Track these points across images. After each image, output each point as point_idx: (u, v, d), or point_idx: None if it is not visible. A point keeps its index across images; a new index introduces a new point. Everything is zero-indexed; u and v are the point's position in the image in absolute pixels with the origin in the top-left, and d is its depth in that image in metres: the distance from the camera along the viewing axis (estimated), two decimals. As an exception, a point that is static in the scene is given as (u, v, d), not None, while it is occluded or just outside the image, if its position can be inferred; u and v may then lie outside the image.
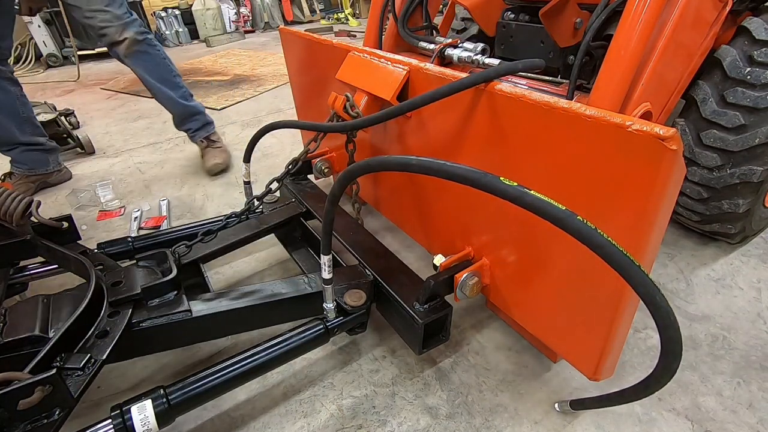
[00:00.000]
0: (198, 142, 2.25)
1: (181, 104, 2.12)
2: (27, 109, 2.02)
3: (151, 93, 2.08)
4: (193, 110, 2.19)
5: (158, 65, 2.01)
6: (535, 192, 0.59)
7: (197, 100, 2.25)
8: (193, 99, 2.23)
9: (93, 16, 1.79)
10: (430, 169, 0.67)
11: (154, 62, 1.99)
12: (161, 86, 2.03)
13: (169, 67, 2.08)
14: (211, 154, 2.20)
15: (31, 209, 1.16)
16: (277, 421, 1.05)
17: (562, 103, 0.74)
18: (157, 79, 2.01)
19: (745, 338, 1.18)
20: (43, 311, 0.96)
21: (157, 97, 2.09)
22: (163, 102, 2.10)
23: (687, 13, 1.05)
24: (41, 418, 0.77)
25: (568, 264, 0.85)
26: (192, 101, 2.20)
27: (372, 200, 1.57)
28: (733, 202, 1.29)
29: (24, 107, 2.00)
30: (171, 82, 2.07)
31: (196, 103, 2.23)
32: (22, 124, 1.98)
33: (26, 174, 2.08)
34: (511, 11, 1.53)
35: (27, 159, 2.06)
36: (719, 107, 1.23)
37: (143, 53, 1.93)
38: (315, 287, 1.11)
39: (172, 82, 2.08)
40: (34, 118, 2.07)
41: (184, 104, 2.13)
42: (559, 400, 1.03)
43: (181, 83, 2.15)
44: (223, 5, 6.32)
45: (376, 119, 1.03)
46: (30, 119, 2.03)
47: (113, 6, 1.80)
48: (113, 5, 1.80)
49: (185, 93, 2.16)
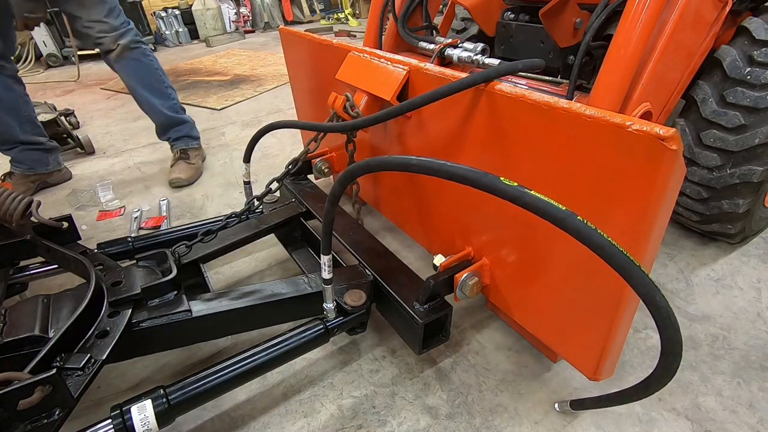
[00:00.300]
0: (174, 151, 2.23)
1: (164, 114, 2.11)
2: (29, 109, 2.03)
3: (136, 100, 2.08)
4: (177, 120, 2.18)
5: (148, 74, 2.02)
6: (535, 192, 0.59)
7: (198, 101, 2.24)
8: (184, 113, 2.23)
9: (91, 26, 1.82)
10: (430, 169, 0.67)
11: (144, 70, 2.00)
12: (147, 94, 2.03)
13: (161, 77, 2.08)
14: (178, 167, 2.15)
15: (31, 209, 1.16)
16: (277, 421, 1.05)
17: (562, 103, 0.74)
18: (143, 86, 2.02)
19: (745, 338, 1.18)
20: (43, 311, 0.96)
21: (141, 104, 2.09)
22: (147, 110, 2.10)
23: (687, 13, 1.05)
24: (41, 418, 0.77)
25: (568, 264, 0.85)
26: (180, 114, 2.19)
27: (372, 200, 1.57)
28: (733, 202, 1.29)
29: (26, 106, 2.00)
30: (159, 91, 2.07)
31: (184, 116, 2.22)
32: (24, 123, 1.99)
33: (26, 173, 2.08)
34: (511, 11, 1.53)
35: (27, 158, 2.06)
36: (719, 107, 1.23)
37: (133, 60, 1.94)
38: (315, 287, 1.11)
39: (160, 92, 2.08)
40: (35, 117, 2.08)
41: (167, 114, 2.12)
42: (559, 400, 1.03)
43: (173, 95, 2.15)
44: (223, 5, 6.32)
45: (376, 119, 1.03)
46: (31, 119, 2.04)
47: (111, 17, 1.83)
48: (111, 16, 1.83)
49: (175, 105, 2.16)
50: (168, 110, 2.12)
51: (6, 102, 1.89)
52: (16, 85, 1.94)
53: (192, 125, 2.27)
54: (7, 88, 1.88)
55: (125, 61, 1.93)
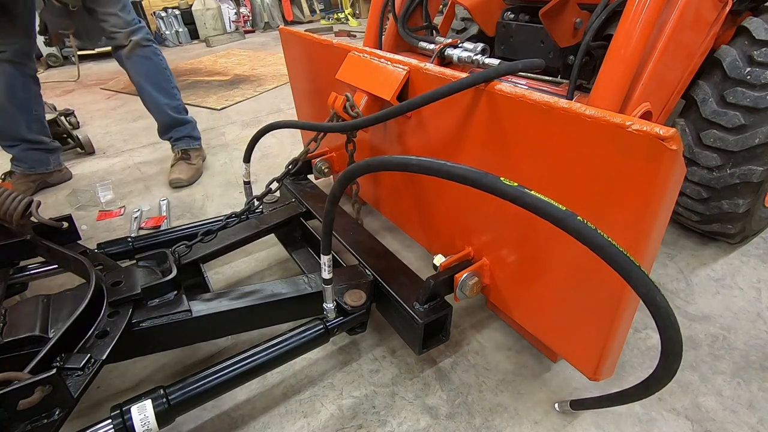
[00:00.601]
0: (175, 151, 2.24)
1: (168, 114, 2.12)
2: (40, 108, 2.05)
3: (141, 98, 2.09)
4: (180, 121, 2.19)
5: (158, 72, 2.04)
6: (535, 192, 0.59)
7: (198, 101, 2.25)
8: (187, 114, 2.24)
9: (106, 20, 1.85)
10: (430, 169, 0.67)
11: (154, 68, 2.02)
12: (154, 92, 2.05)
13: (169, 77, 2.10)
14: (178, 167, 2.16)
15: (31, 209, 1.16)
16: (277, 421, 1.05)
17: (562, 103, 0.74)
18: (151, 84, 2.03)
19: (745, 338, 1.18)
20: (43, 311, 0.96)
21: (147, 102, 2.10)
22: (152, 108, 2.11)
23: (687, 13, 1.05)
24: (41, 418, 0.77)
25: (568, 264, 0.85)
26: (183, 114, 2.21)
27: (372, 200, 1.57)
28: (733, 202, 1.29)
29: (37, 106, 2.03)
30: (167, 91, 2.09)
31: (187, 116, 2.23)
32: (32, 122, 2.01)
33: (26, 173, 2.08)
34: (511, 11, 1.53)
35: (28, 158, 2.07)
36: (719, 107, 1.23)
37: (145, 58, 1.97)
38: (315, 287, 1.11)
39: (167, 92, 2.09)
40: (43, 117, 2.10)
41: (171, 115, 2.13)
42: (559, 400, 1.03)
43: (178, 96, 2.17)
44: (223, 5, 6.32)
45: (376, 119, 1.03)
46: (40, 118, 2.06)
47: (124, 12, 1.88)
48: (124, 11, 1.88)
49: (179, 106, 2.17)
50: (172, 110, 2.13)
51: (21, 100, 1.92)
52: (34, 84, 1.97)
53: (194, 126, 2.28)
54: (25, 87, 1.91)
55: (136, 58, 1.95)
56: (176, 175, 2.12)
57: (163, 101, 2.08)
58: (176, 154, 2.23)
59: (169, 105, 2.11)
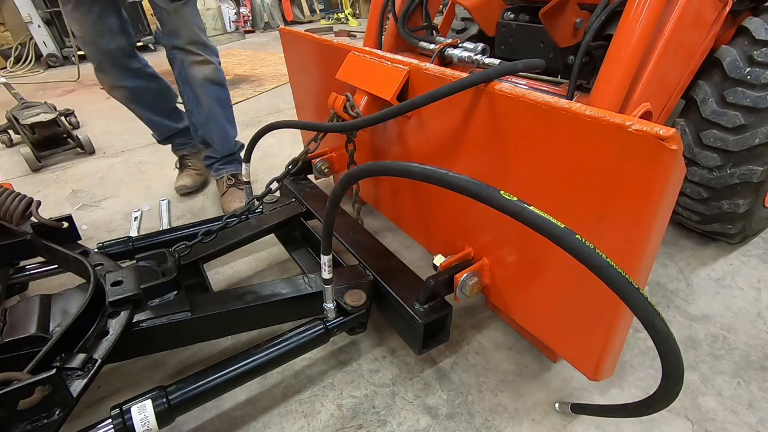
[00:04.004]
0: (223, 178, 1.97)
1: (232, 145, 1.97)
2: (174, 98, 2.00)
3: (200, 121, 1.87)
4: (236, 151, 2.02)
5: (228, 102, 1.93)
6: (534, 207, 0.59)
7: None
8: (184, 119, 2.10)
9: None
10: (431, 177, 0.66)
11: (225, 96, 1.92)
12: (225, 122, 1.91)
13: None
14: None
15: (31, 209, 1.16)
16: (277, 421, 1.05)
17: (562, 103, 0.74)
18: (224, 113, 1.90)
19: (745, 338, 1.18)
20: (43, 311, 0.96)
21: (207, 127, 1.87)
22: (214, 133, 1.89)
23: (687, 14, 1.05)
24: (41, 418, 0.77)
25: (568, 264, 0.85)
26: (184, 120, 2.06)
27: (372, 200, 1.57)
28: (733, 202, 1.29)
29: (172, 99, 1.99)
30: (232, 122, 1.97)
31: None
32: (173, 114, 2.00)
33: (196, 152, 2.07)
34: (511, 11, 1.53)
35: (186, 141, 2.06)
36: (719, 107, 1.23)
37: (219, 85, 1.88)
38: (315, 287, 1.11)
39: (233, 122, 1.97)
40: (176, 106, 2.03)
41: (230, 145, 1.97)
42: (559, 400, 1.03)
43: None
44: (223, 5, 6.32)
45: (376, 119, 1.03)
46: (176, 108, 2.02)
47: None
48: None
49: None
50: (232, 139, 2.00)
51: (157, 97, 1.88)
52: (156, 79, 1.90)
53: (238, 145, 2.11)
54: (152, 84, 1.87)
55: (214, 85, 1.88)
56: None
57: (231, 133, 1.96)
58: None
59: (233, 133, 1.98)
